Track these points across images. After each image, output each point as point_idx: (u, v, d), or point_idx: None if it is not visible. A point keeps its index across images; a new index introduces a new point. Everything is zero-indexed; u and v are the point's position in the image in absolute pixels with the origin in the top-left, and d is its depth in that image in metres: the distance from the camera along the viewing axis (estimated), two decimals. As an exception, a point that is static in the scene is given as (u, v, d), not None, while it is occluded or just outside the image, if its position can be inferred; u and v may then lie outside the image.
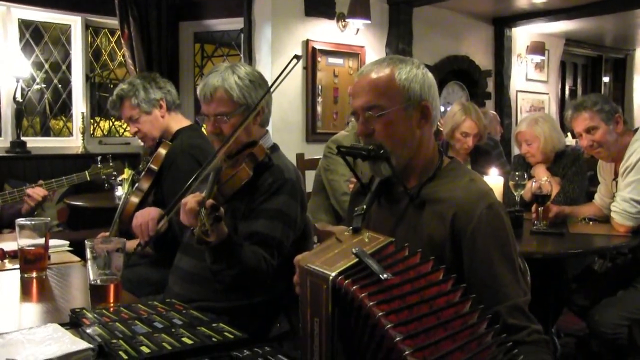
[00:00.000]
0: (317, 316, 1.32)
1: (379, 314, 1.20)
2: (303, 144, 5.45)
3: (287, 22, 5.38)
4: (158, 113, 2.89)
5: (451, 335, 1.23)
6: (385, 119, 1.59)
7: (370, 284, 1.25)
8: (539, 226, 3.04)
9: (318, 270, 1.32)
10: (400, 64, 1.62)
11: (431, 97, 1.62)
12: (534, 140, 3.62)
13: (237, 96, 2.10)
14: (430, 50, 6.64)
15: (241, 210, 2.09)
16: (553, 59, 8.44)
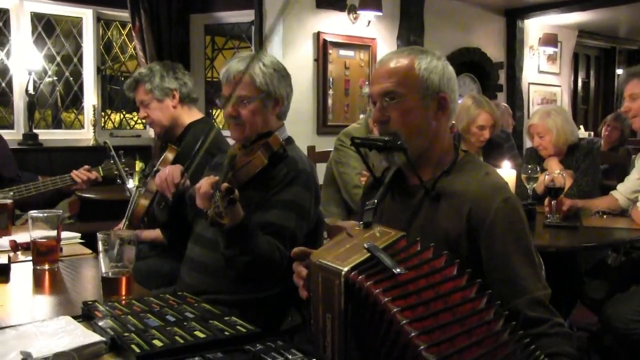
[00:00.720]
0: (330, 312, 1.32)
1: (394, 310, 1.20)
2: (314, 136, 5.44)
3: (298, 14, 5.36)
4: (170, 102, 2.90)
5: (467, 331, 1.22)
6: (402, 106, 1.60)
7: (385, 279, 1.25)
8: (552, 219, 3.02)
9: (330, 265, 1.32)
10: (421, 55, 1.63)
11: (450, 89, 1.63)
12: (546, 133, 3.59)
13: (259, 82, 2.13)
14: (442, 42, 6.58)
15: (255, 200, 2.08)
16: (565, 50, 8.36)
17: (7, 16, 5.37)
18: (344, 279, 1.27)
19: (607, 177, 3.95)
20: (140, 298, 1.61)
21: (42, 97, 5.70)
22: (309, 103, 5.50)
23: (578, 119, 9.00)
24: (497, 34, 7.37)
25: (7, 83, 5.42)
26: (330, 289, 1.31)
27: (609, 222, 3.13)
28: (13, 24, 5.37)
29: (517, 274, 1.47)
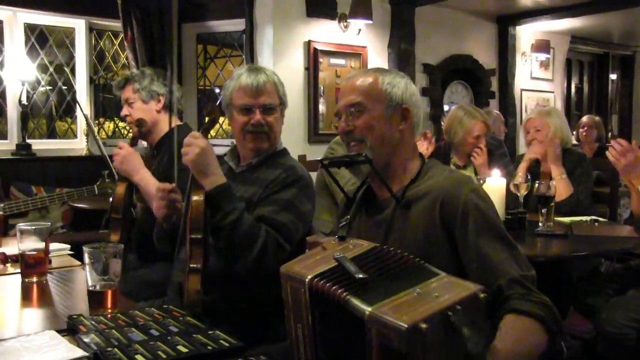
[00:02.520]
0: (300, 321, 1.36)
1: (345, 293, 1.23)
2: (305, 144, 5.45)
3: (289, 23, 5.38)
4: (154, 106, 2.96)
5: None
6: (367, 116, 1.71)
7: (345, 283, 1.27)
8: (543, 228, 3.02)
9: (296, 275, 1.36)
10: (385, 72, 1.77)
11: (412, 103, 1.75)
12: (543, 127, 3.63)
13: (281, 92, 2.25)
14: (433, 50, 6.62)
15: (254, 201, 2.12)
16: (558, 56, 8.40)
17: (1, 27, 5.38)
18: (308, 285, 1.31)
19: (598, 184, 3.96)
20: (126, 312, 1.61)
21: (35, 107, 5.70)
22: (300, 112, 5.51)
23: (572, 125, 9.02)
24: (489, 40, 7.40)
25: (0, 94, 5.42)
26: (298, 298, 1.35)
27: (601, 231, 3.13)
28: (6, 35, 5.37)
29: (493, 259, 1.52)
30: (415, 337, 1.09)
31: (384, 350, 1.14)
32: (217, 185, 1.97)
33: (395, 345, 1.11)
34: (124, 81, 2.98)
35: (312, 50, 5.48)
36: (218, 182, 1.98)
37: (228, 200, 1.97)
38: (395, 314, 1.13)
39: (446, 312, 1.14)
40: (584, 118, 6.20)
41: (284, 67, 5.33)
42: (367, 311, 1.17)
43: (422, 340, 1.10)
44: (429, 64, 6.58)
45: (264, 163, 2.25)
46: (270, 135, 2.23)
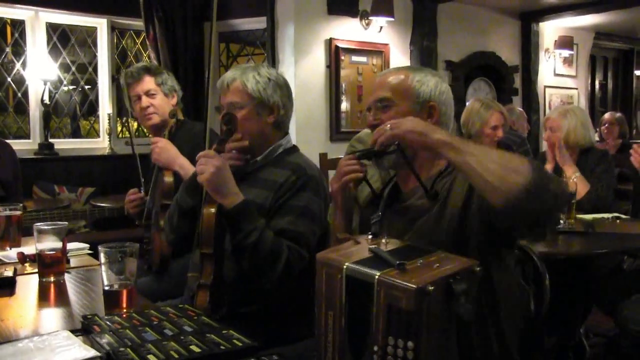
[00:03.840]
0: (331, 309, 1.38)
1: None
2: (327, 142, 5.44)
3: (310, 21, 5.37)
4: (171, 100, 3.02)
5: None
6: (394, 111, 1.74)
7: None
8: (564, 225, 2.99)
9: (334, 261, 1.39)
10: (416, 70, 1.81)
11: (441, 102, 1.77)
12: (557, 129, 3.62)
13: (251, 88, 2.15)
14: (456, 47, 6.57)
15: (266, 207, 2.09)
16: (582, 53, 8.28)
17: (23, 27, 5.44)
18: (346, 272, 1.35)
19: (621, 181, 3.90)
20: (141, 311, 1.62)
21: (59, 107, 5.76)
22: (322, 110, 5.50)
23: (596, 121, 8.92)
24: (512, 37, 7.32)
25: (23, 93, 5.49)
26: (333, 284, 1.38)
27: (623, 228, 3.09)
28: (28, 34, 5.44)
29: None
30: (422, 298, 1.22)
31: (389, 311, 1.26)
32: (236, 204, 1.94)
33: (404, 305, 1.23)
34: (144, 71, 2.97)
35: (333, 48, 5.47)
36: (236, 201, 1.94)
37: (249, 220, 1.94)
38: (404, 277, 1.26)
39: (448, 279, 1.27)
40: (606, 115, 6.15)
41: (305, 65, 5.32)
42: (376, 275, 1.28)
43: (428, 302, 1.23)
44: (451, 61, 6.53)
45: (272, 162, 2.20)
46: None
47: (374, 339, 1.28)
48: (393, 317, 1.26)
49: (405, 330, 1.24)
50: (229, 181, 1.98)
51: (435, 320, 1.26)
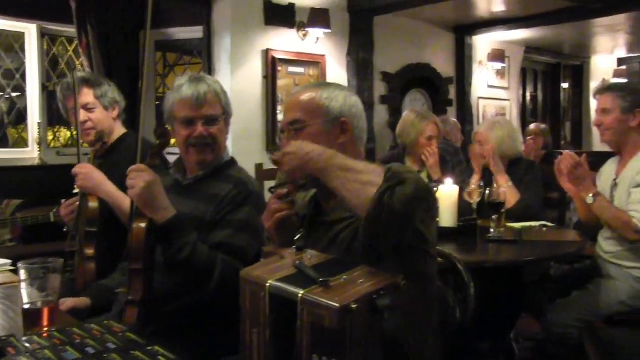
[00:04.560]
0: (256, 326, 1.38)
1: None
2: (264, 153, 5.42)
3: (247, 31, 5.35)
4: (112, 113, 2.93)
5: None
6: (306, 132, 1.73)
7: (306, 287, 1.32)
8: (494, 234, 3.06)
9: (257, 279, 1.39)
10: (324, 87, 1.79)
11: (352, 115, 1.77)
12: (486, 142, 3.71)
13: (224, 101, 2.21)
14: (392, 59, 6.66)
15: (206, 220, 2.08)
16: (514, 66, 8.54)
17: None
18: (270, 290, 1.35)
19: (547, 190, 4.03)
20: (63, 329, 1.57)
21: (-15, 115, 5.57)
22: (258, 120, 5.47)
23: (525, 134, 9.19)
24: (446, 49, 7.48)
25: (-54, 101, 5.28)
26: (257, 302, 1.37)
27: (549, 236, 3.19)
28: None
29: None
30: (345, 316, 1.23)
31: (313, 329, 1.26)
32: (168, 219, 1.93)
33: (327, 323, 1.23)
34: (82, 83, 2.87)
35: (270, 59, 5.46)
36: (168, 215, 1.94)
37: (181, 235, 1.93)
38: (327, 294, 1.26)
39: (372, 295, 1.28)
40: (531, 126, 6.35)
41: (242, 76, 5.30)
42: (300, 293, 1.28)
43: (351, 319, 1.23)
44: (387, 73, 6.62)
45: (211, 175, 2.22)
46: (214, 147, 2.20)
47: (299, 357, 1.28)
48: (317, 335, 1.26)
49: (330, 347, 1.25)
50: (160, 196, 1.96)
51: (359, 337, 1.26)
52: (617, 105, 2.96)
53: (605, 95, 3.03)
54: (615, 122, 2.98)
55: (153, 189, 1.93)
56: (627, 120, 2.94)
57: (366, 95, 6.17)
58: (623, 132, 2.97)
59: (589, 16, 6.69)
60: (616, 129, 2.99)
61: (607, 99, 3.01)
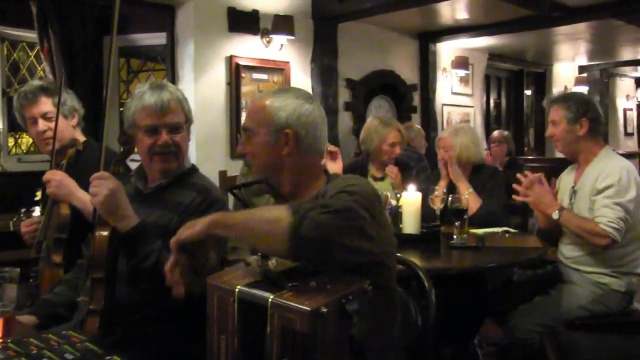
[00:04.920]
0: (224, 332, 1.38)
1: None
2: (227, 160, 5.40)
3: (211, 38, 5.33)
4: (71, 121, 2.87)
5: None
6: (254, 140, 1.74)
7: (275, 291, 1.32)
8: (457, 240, 3.08)
9: (225, 284, 1.39)
10: (280, 94, 1.76)
11: (300, 126, 1.73)
12: (450, 148, 3.74)
13: (186, 109, 2.19)
14: (356, 65, 6.70)
15: (170, 229, 2.05)
16: (477, 72, 8.64)
17: None
18: (239, 295, 1.35)
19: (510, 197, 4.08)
20: (19, 340, 1.54)
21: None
22: (222, 127, 5.45)
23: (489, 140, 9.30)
24: (410, 56, 7.55)
25: None
26: (225, 308, 1.37)
27: (511, 241, 3.23)
28: None
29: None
30: (316, 319, 1.24)
31: (283, 333, 1.27)
32: (132, 227, 1.91)
33: (298, 327, 1.24)
34: (40, 92, 2.81)
35: (234, 65, 5.45)
36: (132, 224, 1.92)
37: (145, 243, 1.91)
38: (298, 299, 1.27)
39: (341, 299, 1.29)
40: (495, 133, 6.44)
41: (205, 82, 5.28)
42: (270, 298, 1.29)
43: (322, 323, 1.25)
44: (352, 79, 6.65)
45: (174, 183, 2.20)
46: (179, 154, 2.18)
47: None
48: (287, 339, 1.27)
49: (300, 351, 1.25)
50: (124, 204, 1.94)
51: (329, 341, 1.27)
52: (563, 116, 3.04)
53: (552, 107, 3.11)
54: (564, 133, 3.05)
55: (116, 197, 1.91)
56: (575, 130, 3.01)
57: (330, 101, 6.19)
58: (574, 142, 3.04)
59: (550, 24, 6.81)
60: (566, 140, 3.05)
61: (554, 111, 3.08)
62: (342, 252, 1.43)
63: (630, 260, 2.95)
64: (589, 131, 3.01)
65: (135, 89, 2.24)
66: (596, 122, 3.03)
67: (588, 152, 3.03)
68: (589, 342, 2.72)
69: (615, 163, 2.92)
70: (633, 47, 8.87)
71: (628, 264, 2.95)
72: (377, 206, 1.58)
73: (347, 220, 1.43)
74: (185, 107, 2.20)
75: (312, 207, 1.40)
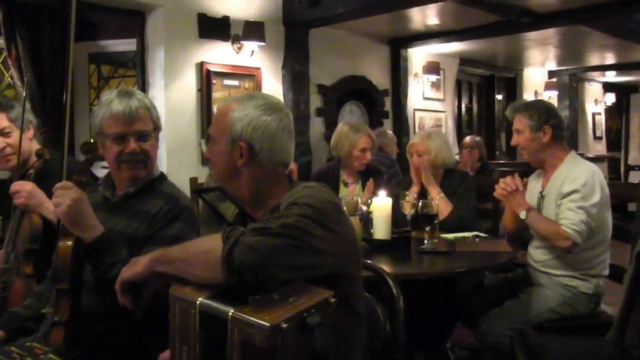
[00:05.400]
0: (186, 344, 1.37)
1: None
2: (198, 166, 5.36)
3: (181, 44, 5.30)
4: (27, 134, 2.84)
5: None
6: (214, 149, 1.73)
7: (237, 304, 1.31)
8: (428, 245, 3.09)
9: (187, 296, 1.37)
10: (244, 102, 1.72)
11: (255, 139, 1.68)
12: (425, 153, 3.76)
13: (154, 116, 2.16)
14: (328, 71, 6.71)
15: (137, 238, 2.04)
16: (449, 78, 8.71)
17: None
18: (200, 307, 1.34)
19: (480, 201, 4.11)
20: (-21, 354, 1.52)
21: None
22: (193, 133, 5.42)
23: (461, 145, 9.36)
24: (382, 62, 7.58)
25: None
26: (187, 319, 1.36)
27: (482, 246, 3.25)
28: None
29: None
30: (276, 334, 1.23)
31: (244, 347, 1.26)
32: (96, 237, 1.89)
33: (257, 342, 1.23)
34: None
35: (204, 72, 5.42)
36: (96, 233, 1.90)
37: (110, 253, 1.90)
38: (258, 314, 1.26)
39: (303, 313, 1.28)
40: (467, 139, 6.49)
41: (176, 89, 5.25)
42: (230, 312, 1.28)
43: (282, 338, 1.24)
44: (323, 85, 6.66)
45: (142, 192, 2.18)
46: (147, 162, 2.17)
47: (230, 374, 1.26)
48: (248, 353, 1.26)
49: None
50: (88, 213, 1.92)
51: (290, 355, 1.26)
52: (526, 125, 3.07)
53: (515, 116, 3.15)
54: (528, 141, 3.08)
55: (80, 207, 1.89)
56: (539, 138, 3.05)
57: (302, 107, 6.19)
58: (538, 149, 3.08)
59: (518, 30, 6.89)
60: (531, 147, 3.09)
61: (517, 120, 3.12)
62: (284, 271, 1.40)
63: (597, 263, 2.99)
64: (553, 138, 3.05)
65: (103, 95, 2.22)
66: (559, 129, 3.07)
67: (554, 158, 3.07)
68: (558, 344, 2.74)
69: (580, 168, 2.96)
70: (600, 52, 9.01)
71: (596, 266, 2.99)
72: (335, 216, 1.53)
73: (289, 238, 1.40)
74: (154, 115, 2.18)
75: (245, 232, 1.39)
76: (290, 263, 1.41)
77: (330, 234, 1.49)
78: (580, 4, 6.00)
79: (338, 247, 1.53)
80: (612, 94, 12.84)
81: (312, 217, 1.46)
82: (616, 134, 13.55)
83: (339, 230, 1.54)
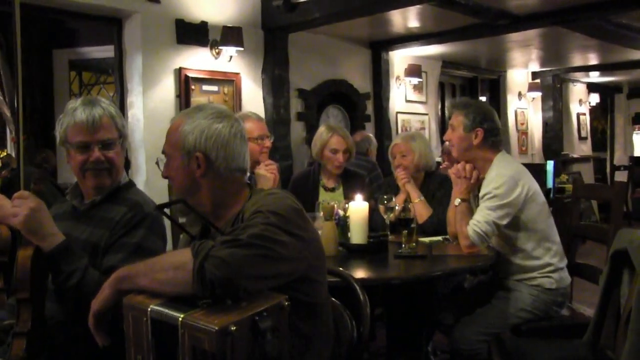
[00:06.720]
0: (140, 352, 1.38)
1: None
2: (178, 172, 5.32)
3: (159, 50, 5.26)
4: None
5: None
6: (171, 164, 1.74)
7: (187, 310, 1.33)
8: (404, 250, 3.08)
9: (139, 304, 1.39)
10: (192, 115, 1.75)
11: (210, 148, 1.71)
12: (408, 153, 3.76)
13: (119, 124, 2.16)
14: (308, 75, 6.69)
15: (101, 246, 2.03)
16: (431, 80, 8.70)
17: None
18: (151, 314, 1.35)
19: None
20: None
21: None
22: (171, 140, 5.36)
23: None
24: (363, 65, 7.55)
25: None
26: (139, 328, 1.37)
27: (457, 250, 3.21)
28: None
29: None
30: (225, 338, 1.24)
31: (195, 352, 1.27)
32: (55, 245, 1.88)
33: (207, 346, 1.24)
34: None
35: (183, 78, 5.39)
36: (55, 242, 1.89)
37: (70, 261, 1.89)
38: (207, 318, 1.28)
39: (254, 317, 1.30)
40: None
41: (154, 95, 5.22)
42: (180, 317, 1.29)
43: (231, 342, 1.25)
44: (303, 89, 6.64)
45: (107, 199, 2.18)
46: (112, 170, 2.17)
47: (183, 380, 1.26)
48: (199, 358, 1.26)
49: None
50: (47, 222, 1.91)
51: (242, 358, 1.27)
52: (461, 123, 3.09)
53: (453, 112, 3.17)
54: (458, 140, 3.10)
55: (38, 216, 1.88)
56: (470, 138, 3.06)
57: (282, 112, 6.17)
58: (467, 149, 3.09)
59: (498, 32, 6.89)
60: (460, 146, 3.11)
61: (454, 116, 3.14)
62: (254, 282, 1.42)
63: (550, 257, 3.01)
64: (483, 141, 3.06)
65: (68, 104, 2.21)
66: (491, 134, 3.08)
67: (484, 160, 3.09)
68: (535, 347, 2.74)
69: (500, 171, 2.99)
70: (582, 53, 9.04)
71: (549, 260, 3.01)
72: (299, 222, 1.56)
73: (257, 248, 1.41)
74: (119, 123, 2.18)
75: (215, 244, 1.40)
76: (261, 273, 1.43)
77: (295, 239, 1.51)
78: (557, 6, 6.02)
79: (304, 252, 1.55)
80: (596, 95, 12.88)
81: (277, 224, 1.48)
82: (601, 134, 13.62)
83: (305, 235, 1.57)
